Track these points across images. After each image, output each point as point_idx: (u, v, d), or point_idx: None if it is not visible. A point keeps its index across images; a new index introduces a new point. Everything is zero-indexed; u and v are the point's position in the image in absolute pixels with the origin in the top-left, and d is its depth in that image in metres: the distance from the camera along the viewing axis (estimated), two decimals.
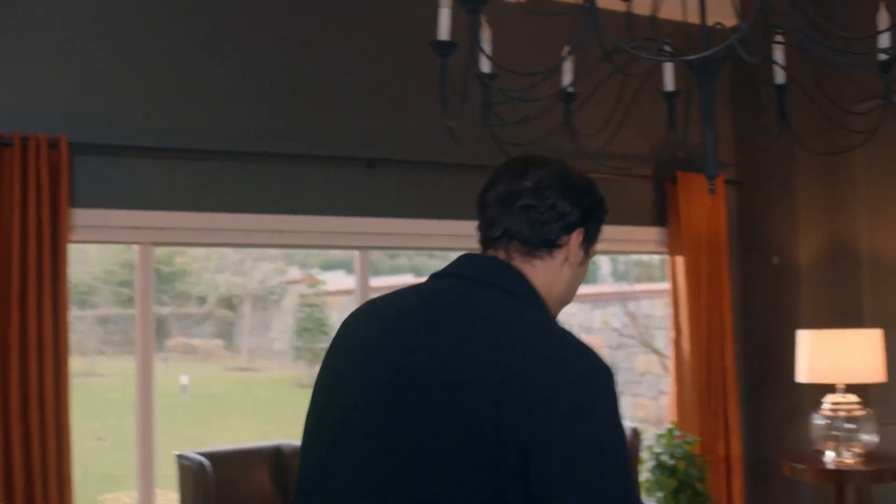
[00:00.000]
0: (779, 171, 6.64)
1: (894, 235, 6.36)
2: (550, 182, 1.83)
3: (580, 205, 1.85)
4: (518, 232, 1.81)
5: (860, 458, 5.72)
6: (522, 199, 1.81)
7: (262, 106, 5.45)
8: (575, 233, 1.85)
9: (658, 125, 5.69)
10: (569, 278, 1.86)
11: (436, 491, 1.58)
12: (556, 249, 1.83)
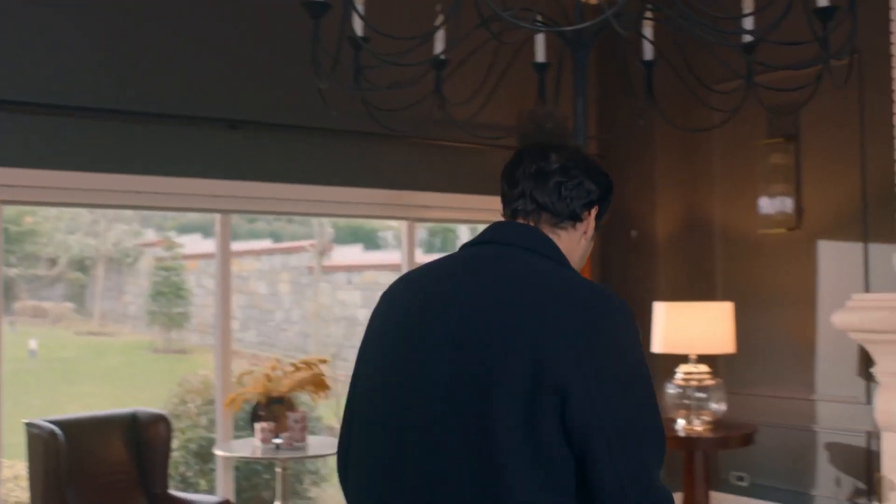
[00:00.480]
0: (639, 146, 6.79)
1: (745, 212, 6.61)
2: (576, 163, 2.05)
3: (600, 184, 2.09)
4: (550, 205, 2.03)
5: (709, 426, 5.94)
6: (554, 177, 2.02)
7: (120, 61, 5.22)
8: (593, 209, 2.09)
9: (525, 96, 5.76)
10: (583, 248, 2.10)
11: (485, 431, 1.76)
12: (578, 223, 2.06)
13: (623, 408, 1.78)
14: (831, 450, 6.17)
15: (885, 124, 5.57)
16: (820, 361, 6.22)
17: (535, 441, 1.75)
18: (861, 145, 5.96)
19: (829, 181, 6.17)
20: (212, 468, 6.28)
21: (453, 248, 10.07)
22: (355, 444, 2.01)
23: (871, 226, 5.92)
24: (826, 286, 6.19)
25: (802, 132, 6.28)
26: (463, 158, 6.43)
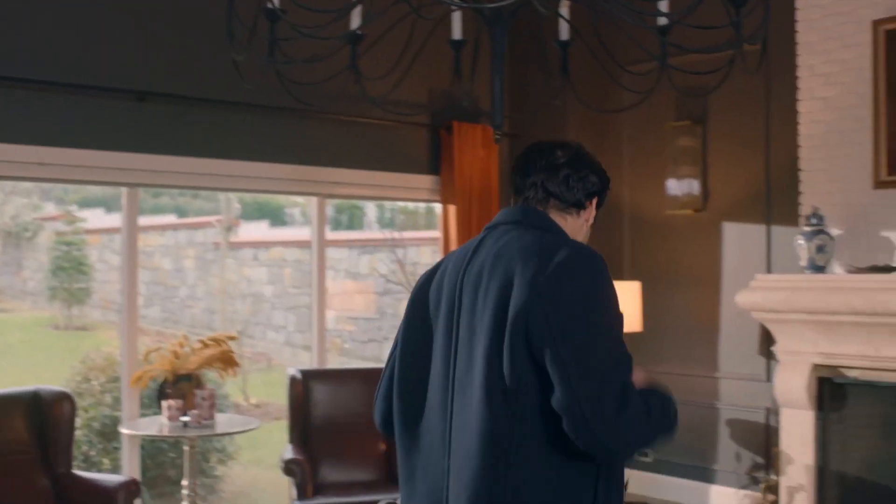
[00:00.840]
0: (551, 127, 6.83)
1: (653, 194, 6.72)
2: (581, 158, 2.37)
3: (601, 178, 2.41)
4: (559, 194, 2.33)
5: None
6: (564, 169, 2.33)
7: (20, 26, 5.03)
8: (594, 199, 2.40)
9: (437, 74, 5.73)
10: (585, 233, 2.42)
11: (491, 365, 2.08)
12: (582, 210, 2.38)
13: (578, 329, 2.04)
14: (732, 426, 6.34)
15: (789, 110, 5.72)
16: (723, 340, 6.38)
17: (508, 370, 2.05)
18: (766, 130, 6.11)
19: (734, 164, 6.31)
20: (116, 447, 6.16)
21: (360, 226, 10.01)
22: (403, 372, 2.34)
23: (774, 209, 6.08)
24: (730, 267, 6.35)
25: (710, 116, 6.41)
26: (376, 135, 6.40)
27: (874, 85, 5.29)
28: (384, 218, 10.14)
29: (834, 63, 5.45)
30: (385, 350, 9.61)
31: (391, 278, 9.45)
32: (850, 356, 5.24)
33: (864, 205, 5.38)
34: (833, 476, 5.43)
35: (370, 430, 5.64)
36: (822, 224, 5.34)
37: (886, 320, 5.00)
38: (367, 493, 5.22)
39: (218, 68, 5.48)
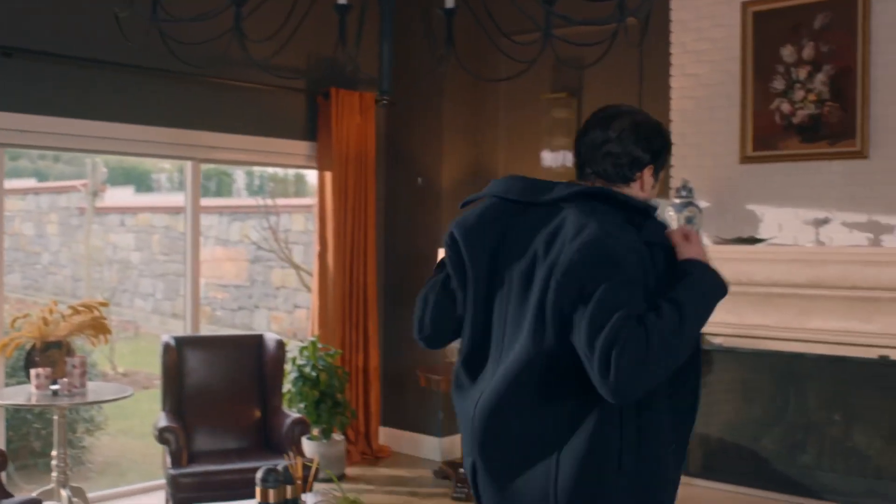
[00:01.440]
0: (428, 94, 6.86)
1: (529, 164, 6.82)
2: (628, 133, 2.37)
3: (650, 149, 2.38)
4: (603, 172, 2.36)
5: None
6: (606, 146, 2.35)
7: None
8: (646, 169, 2.38)
9: (316, 40, 5.69)
10: (643, 199, 2.38)
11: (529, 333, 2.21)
12: (632, 182, 2.37)
13: (591, 279, 2.10)
14: None
15: (661, 85, 5.88)
16: None
17: (543, 313, 2.18)
18: (639, 104, 6.25)
19: None
20: None
21: (229, 194, 9.81)
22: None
23: None
24: None
25: (585, 89, 6.53)
26: (253, 100, 6.30)
27: (742, 64, 5.50)
28: (253, 185, 10.01)
29: (705, 41, 5.63)
30: (256, 318, 9.52)
31: (263, 246, 9.35)
32: (715, 324, 5.40)
33: (731, 179, 5.59)
34: (697, 438, 5.66)
35: (245, 397, 5.62)
36: (692, 196, 5.53)
37: (750, 290, 5.23)
38: (242, 460, 5.18)
39: (91, 25, 5.32)
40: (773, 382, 5.53)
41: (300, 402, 6.15)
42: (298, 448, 5.25)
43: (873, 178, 5.09)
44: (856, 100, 5.10)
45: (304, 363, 6.24)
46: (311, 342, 6.31)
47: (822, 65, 5.23)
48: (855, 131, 5.11)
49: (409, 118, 7.00)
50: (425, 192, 6.94)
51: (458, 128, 6.92)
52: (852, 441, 5.24)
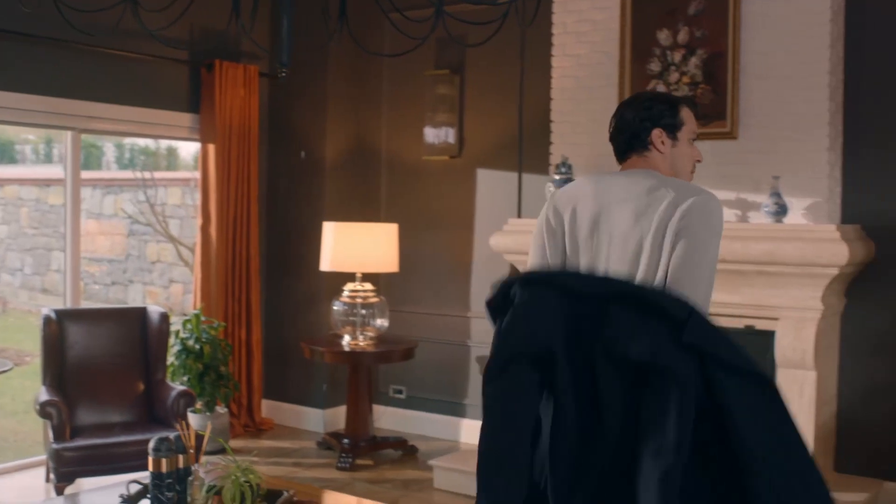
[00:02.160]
0: (312, 69, 6.87)
1: (411, 139, 6.92)
2: (634, 111, 2.86)
3: (650, 115, 2.83)
4: (631, 147, 2.87)
5: (372, 341, 6.24)
6: (628, 129, 2.87)
7: None
8: (654, 134, 2.83)
9: (199, 11, 5.62)
10: (669, 158, 2.86)
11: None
12: (650, 146, 2.84)
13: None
14: (482, 362, 6.69)
15: (543, 65, 6.04)
16: (475, 281, 6.71)
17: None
18: (520, 83, 6.43)
19: (489, 114, 6.61)
20: None
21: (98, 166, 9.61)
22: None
23: (525, 157, 6.43)
24: (483, 211, 6.66)
25: (467, 66, 6.66)
26: (136, 70, 6.22)
27: (621, 46, 5.70)
28: (123, 158, 9.83)
29: (586, 23, 5.81)
30: (131, 293, 9.38)
31: (139, 220, 9.21)
32: None
33: (609, 156, 5.76)
34: None
35: (129, 370, 5.57)
36: (571, 172, 5.72)
37: None
38: (127, 433, 5.15)
39: None
40: None
41: (184, 374, 6.13)
42: (185, 420, 5.25)
43: (742, 157, 5.36)
44: (726, 83, 5.36)
45: (188, 336, 6.21)
46: (194, 315, 6.29)
47: (695, 49, 5.47)
48: (725, 113, 5.37)
49: (292, 92, 7.00)
50: (308, 165, 6.96)
51: (341, 102, 6.96)
52: None
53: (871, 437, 5.32)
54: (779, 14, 5.23)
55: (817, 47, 5.12)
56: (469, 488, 5.40)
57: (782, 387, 5.07)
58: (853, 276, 5.22)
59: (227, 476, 3.60)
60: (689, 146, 2.90)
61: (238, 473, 3.59)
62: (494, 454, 2.25)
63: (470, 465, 5.61)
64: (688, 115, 2.89)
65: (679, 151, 2.87)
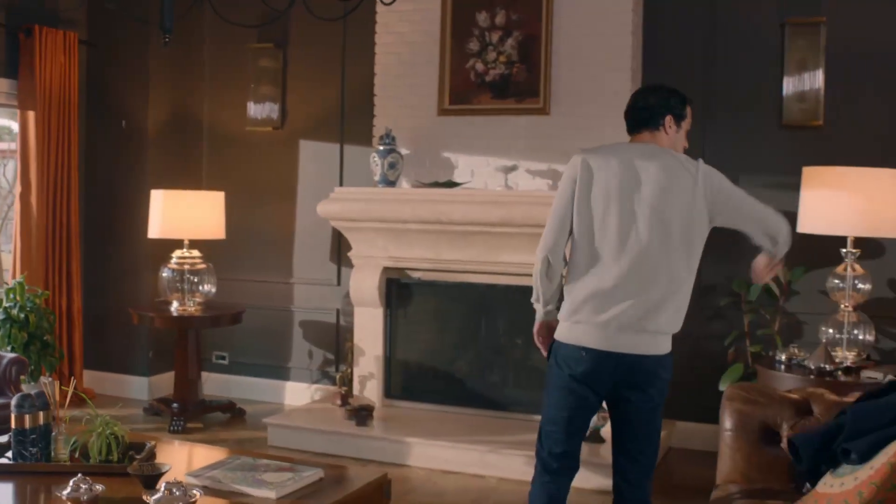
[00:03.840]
0: (133, 37, 6.88)
1: (232, 110, 7.07)
2: (657, 98, 3.54)
3: (667, 106, 3.52)
4: (646, 125, 3.52)
5: (200, 307, 6.38)
6: (648, 110, 3.53)
7: None
8: (667, 119, 3.51)
9: None
10: (671, 140, 3.53)
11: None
12: (661, 127, 3.51)
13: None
14: (305, 327, 6.96)
15: (366, 41, 6.33)
16: (298, 249, 6.95)
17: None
18: (342, 57, 6.70)
19: (312, 87, 6.85)
20: None
21: None
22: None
23: (348, 129, 6.72)
24: (306, 181, 6.91)
25: (290, 40, 6.86)
26: None
27: (442, 25, 6.07)
28: None
29: (408, 2, 6.13)
30: None
31: None
32: (415, 259, 6.05)
33: (430, 129, 6.17)
34: (398, 364, 6.26)
35: None
36: (394, 144, 6.05)
37: (447, 228, 5.84)
38: None
39: None
40: (468, 311, 6.22)
41: (9, 344, 6.07)
42: (17, 387, 5.25)
43: (552, 132, 5.85)
44: (540, 63, 5.83)
45: (12, 305, 6.15)
46: (17, 283, 6.22)
47: (511, 31, 5.92)
48: (539, 91, 5.85)
49: (113, 62, 7.00)
50: (130, 135, 6.98)
51: (163, 73, 7.01)
52: (532, 360, 6.02)
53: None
54: (588, 1, 5.75)
55: (621, 33, 5.68)
56: (301, 444, 5.68)
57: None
58: None
59: (92, 430, 3.74)
60: (684, 135, 3.60)
61: (103, 427, 3.74)
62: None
63: (300, 422, 5.91)
64: (690, 112, 3.61)
65: (678, 137, 3.57)
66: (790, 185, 5.34)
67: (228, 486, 3.37)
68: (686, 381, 5.89)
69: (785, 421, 3.54)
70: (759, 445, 3.56)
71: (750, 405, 3.61)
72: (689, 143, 5.69)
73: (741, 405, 3.62)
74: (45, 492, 3.40)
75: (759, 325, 5.67)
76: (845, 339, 4.96)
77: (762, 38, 5.80)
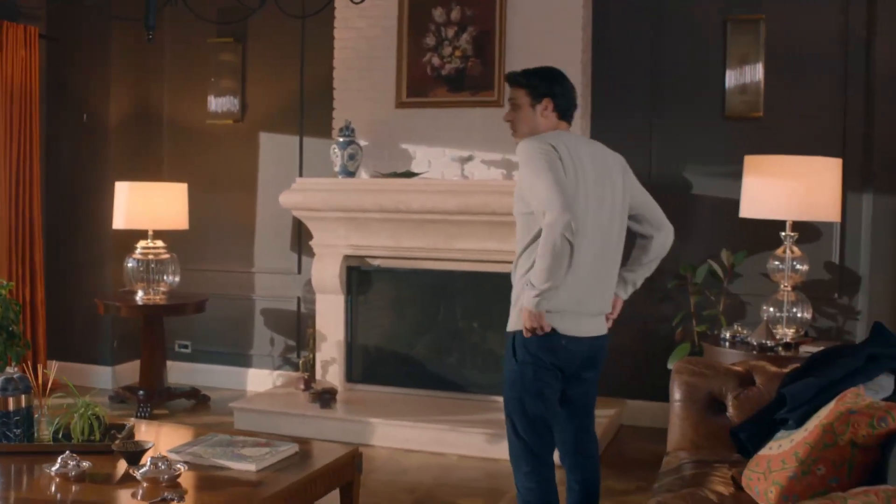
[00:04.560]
0: (94, 31, 7.00)
1: (192, 103, 7.21)
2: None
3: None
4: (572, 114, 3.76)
5: (164, 296, 6.53)
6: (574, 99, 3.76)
7: None
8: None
9: None
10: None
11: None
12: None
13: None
14: (267, 315, 7.14)
15: (325, 35, 6.51)
16: (259, 239, 7.13)
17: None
18: (301, 51, 6.88)
19: (272, 81, 7.02)
20: None
21: None
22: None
23: (307, 122, 6.90)
24: (266, 172, 7.08)
25: (250, 35, 7.02)
26: None
27: (399, 21, 6.27)
28: None
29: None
30: None
31: None
32: (375, 247, 6.25)
33: (388, 121, 6.37)
34: (359, 349, 6.46)
35: None
36: (353, 136, 6.24)
37: (406, 216, 6.04)
38: None
39: None
40: (426, 297, 6.44)
41: None
42: None
43: (506, 123, 6.07)
44: (494, 57, 6.06)
45: None
46: None
47: (466, 26, 6.14)
48: (493, 84, 6.07)
49: (74, 56, 7.10)
50: (91, 128, 7.09)
51: (125, 67, 7.13)
52: (488, 343, 6.26)
53: (614, 365, 6.22)
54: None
55: (572, 28, 5.93)
56: (267, 427, 5.86)
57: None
58: None
59: (74, 411, 3.91)
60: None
61: (84, 408, 3.90)
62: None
63: (265, 405, 6.09)
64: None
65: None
66: (733, 173, 5.64)
67: (209, 461, 3.55)
68: (636, 360, 6.19)
69: (729, 391, 3.81)
70: (706, 415, 3.82)
71: (697, 377, 3.87)
72: (638, 134, 6.00)
73: (689, 377, 3.88)
74: (32, 470, 3.55)
75: (704, 306, 5.96)
76: (785, 316, 5.26)
77: (706, 34, 6.09)
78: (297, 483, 3.46)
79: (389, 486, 5.07)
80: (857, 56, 5.80)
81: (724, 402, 3.81)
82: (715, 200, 6.03)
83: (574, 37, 5.93)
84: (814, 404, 3.23)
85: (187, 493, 3.22)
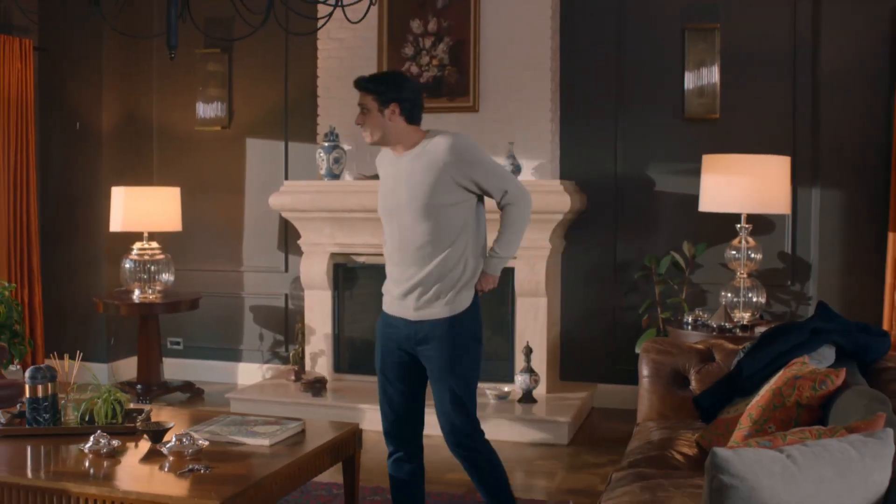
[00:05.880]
0: (86, 43, 7.32)
1: (184, 111, 7.55)
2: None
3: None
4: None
5: (159, 294, 6.88)
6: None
7: None
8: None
9: None
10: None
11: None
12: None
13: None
14: (256, 311, 7.50)
15: (309, 46, 6.88)
16: (247, 239, 7.49)
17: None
18: (286, 59, 7.25)
19: (257, 89, 7.38)
20: None
21: None
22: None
23: (292, 128, 7.28)
24: (253, 176, 7.45)
25: (235, 46, 7.38)
26: None
27: (379, 32, 6.66)
28: None
29: (348, 10, 6.69)
30: None
31: None
32: (360, 245, 6.64)
33: None
34: (346, 341, 6.84)
35: None
36: (338, 141, 6.63)
37: None
38: None
39: None
40: None
41: None
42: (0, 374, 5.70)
43: (482, 126, 6.49)
44: (469, 65, 6.47)
45: None
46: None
47: (443, 36, 6.54)
48: (469, 90, 6.49)
49: (67, 66, 7.41)
50: (84, 135, 7.41)
51: (116, 77, 7.46)
52: None
53: (586, 351, 6.69)
54: (511, 10, 6.41)
55: (541, 38, 6.37)
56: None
57: (521, 312, 6.28)
58: (571, 221, 6.53)
59: (97, 396, 4.27)
60: None
61: (107, 393, 4.27)
62: None
63: (259, 395, 6.45)
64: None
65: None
66: (692, 171, 6.11)
67: (227, 437, 3.93)
68: (606, 347, 6.63)
69: (692, 367, 4.25)
70: (672, 388, 4.26)
71: (663, 355, 4.31)
72: (604, 136, 6.46)
73: (655, 355, 4.32)
74: (62, 450, 3.90)
75: (668, 295, 6.41)
76: (741, 301, 5.72)
77: (666, 42, 6.55)
78: (307, 455, 3.84)
79: (381, 465, 5.41)
80: (803, 62, 6.28)
81: (688, 377, 4.25)
82: (676, 196, 6.49)
83: (543, 45, 6.36)
84: (765, 373, 3.68)
85: (210, 465, 3.60)
